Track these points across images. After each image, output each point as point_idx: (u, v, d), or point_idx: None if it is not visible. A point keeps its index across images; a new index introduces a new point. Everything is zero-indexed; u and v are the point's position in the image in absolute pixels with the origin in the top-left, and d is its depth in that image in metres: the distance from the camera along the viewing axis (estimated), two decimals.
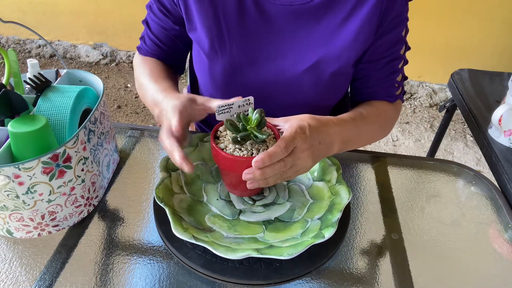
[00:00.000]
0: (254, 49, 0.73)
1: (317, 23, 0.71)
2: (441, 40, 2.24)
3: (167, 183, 0.67)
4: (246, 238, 0.61)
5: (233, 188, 0.66)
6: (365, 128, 0.73)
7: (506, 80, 1.20)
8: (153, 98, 0.71)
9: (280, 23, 0.71)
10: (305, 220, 0.64)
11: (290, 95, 0.77)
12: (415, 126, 2.28)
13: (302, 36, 0.72)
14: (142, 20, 0.82)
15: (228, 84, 0.77)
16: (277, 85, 0.76)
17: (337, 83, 0.77)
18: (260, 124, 0.57)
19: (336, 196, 0.66)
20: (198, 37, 0.75)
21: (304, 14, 0.70)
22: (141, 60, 0.82)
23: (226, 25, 0.71)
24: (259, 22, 0.71)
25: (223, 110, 0.59)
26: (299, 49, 0.72)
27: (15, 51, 0.69)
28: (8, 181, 0.54)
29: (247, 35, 0.72)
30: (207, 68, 0.76)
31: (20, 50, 2.75)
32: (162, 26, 0.79)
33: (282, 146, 0.54)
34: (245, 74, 0.75)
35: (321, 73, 0.73)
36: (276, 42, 0.73)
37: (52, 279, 0.57)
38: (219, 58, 0.74)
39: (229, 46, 0.73)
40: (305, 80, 0.74)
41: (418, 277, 0.60)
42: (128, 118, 2.24)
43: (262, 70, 0.75)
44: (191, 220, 0.63)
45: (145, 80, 0.76)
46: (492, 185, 0.78)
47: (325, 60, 0.72)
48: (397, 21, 0.71)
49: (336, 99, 0.83)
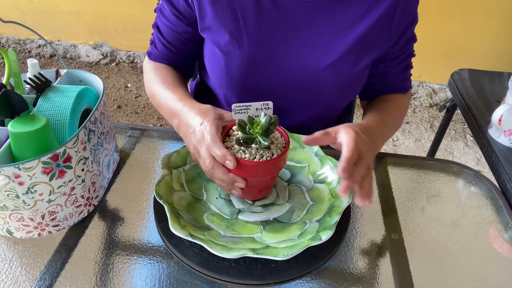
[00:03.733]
0: (271, 45, 0.73)
1: (334, 20, 0.71)
2: (441, 40, 2.24)
3: (168, 180, 0.67)
4: (243, 238, 0.61)
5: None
6: (390, 122, 0.77)
7: (506, 80, 1.20)
8: (171, 107, 0.70)
9: (297, 19, 0.71)
10: (303, 222, 0.64)
11: (308, 93, 0.77)
12: (415, 126, 2.28)
13: (319, 33, 0.72)
14: (152, 24, 0.81)
15: (245, 81, 0.76)
16: (294, 83, 0.76)
17: (356, 81, 0.78)
18: (267, 130, 0.56)
19: (336, 199, 0.66)
20: (213, 36, 0.74)
21: (321, 10, 0.70)
22: (152, 67, 0.81)
23: (243, 22, 0.71)
24: (276, 18, 0.71)
25: (240, 109, 0.59)
26: (317, 46, 0.73)
27: (15, 51, 0.69)
28: (8, 181, 0.54)
29: (264, 31, 0.72)
30: (223, 65, 0.75)
31: (20, 50, 2.75)
32: (174, 30, 0.78)
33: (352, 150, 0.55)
34: (262, 71, 0.75)
35: (340, 71, 0.74)
36: (293, 38, 0.73)
37: (52, 279, 0.57)
38: (236, 55, 0.73)
39: (247, 43, 0.72)
40: (325, 77, 0.74)
41: (418, 277, 0.60)
42: (128, 118, 2.24)
43: (279, 66, 0.75)
44: (190, 218, 0.63)
45: (158, 88, 0.75)
46: (492, 185, 0.78)
47: (345, 57, 0.72)
48: (412, 18, 0.74)
49: (351, 98, 0.85)
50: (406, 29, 0.74)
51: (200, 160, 0.60)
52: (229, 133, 0.61)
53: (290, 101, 0.78)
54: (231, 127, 0.62)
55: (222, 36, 0.72)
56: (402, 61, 0.79)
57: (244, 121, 0.57)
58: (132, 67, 2.66)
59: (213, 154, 0.57)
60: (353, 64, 0.73)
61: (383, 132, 0.72)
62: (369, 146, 0.60)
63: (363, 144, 0.58)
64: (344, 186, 0.54)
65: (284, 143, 0.60)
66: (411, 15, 0.73)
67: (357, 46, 0.72)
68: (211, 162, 0.58)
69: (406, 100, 0.85)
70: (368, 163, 0.58)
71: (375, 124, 0.70)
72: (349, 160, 0.54)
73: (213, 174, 0.59)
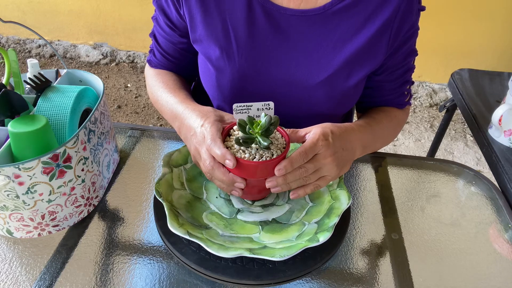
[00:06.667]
0: (263, 60, 0.71)
1: (329, 34, 0.69)
2: (441, 40, 2.24)
3: (168, 178, 0.67)
4: (241, 238, 0.61)
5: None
6: (380, 132, 0.74)
7: (506, 80, 1.20)
8: (172, 110, 0.70)
9: (290, 33, 0.69)
10: (302, 223, 0.64)
11: (301, 107, 0.75)
12: (415, 126, 2.28)
13: (313, 47, 0.70)
14: (150, 33, 0.81)
15: (236, 96, 0.75)
16: (287, 97, 0.74)
17: (350, 96, 0.76)
18: (267, 130, 0.56)
19: (336, 201, 0.65)
20: (204, 48, 0.73)
21: (316, 24, 0.68)
22: (153, 73, 0.81)
23: (234, 35, 0.69)
24: (269, 32, 0.69)
25: (241, 109, 0.59)
26: (310, 60, 0.70)
27: (15, 51, 0.69)
28: (8, 181, 0.54)
29: (256, 45, 0.70)
30: (214, 79, 0.74)
31: (20, 50, 2.75)
32: (169, 40, 0.77)
33: (302, 153, 0.56)
34: (253, 86, 0.73)
35: (334, 86, 0.72)
36: (286, 52, 0.70)
37: (52, 279, 0.57)
38: (227, 70, 0.72)
39: (238, 57, 0.70)
40: (318, 93, 0.72)
41: (418, 277, 0.60)
42: (128, 118, 2.24)
43: (271, 81, 0.73)
44: (188, 217, 0.63)
45: (160, 93, 0.75)
46: (492, 185, 0.78)
47: (338, 73, 0.70)
48: (410, 32, 0.71)
49: (347, 109, 0.82)
50: (405, 42, 0.71)
51: (201, 162, 0.60)
52: (230, 133, 0.61)
53: (282, 115, 0.76)
54: (232, 126, 0.62)
55: (213, 50, 0.71)
56: (399, 76, 0.76)
57: (244, 121, 0.57)
58: (132, 67, 2.66)
59: (213, 154, 0.57)
60: (346, 79, 0.71)
61: (365, 138, 0.69)
62: (334, 150, 0.59)
63: (326, 148, 0.58)
64: (271, 182, 0.57)
65: (285, 144, 0.60)
66: (411, 29, 0.70)
67: (351, 60, 0.70)
68: (211, 163, 0.58)
69: (401, 115, 0.81)
70: (321, 166, 0.58)
71: (358, 128, 0.68)
72: (290, 161, 0.56)
73: (213, 175, 0.59)
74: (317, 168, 0.58)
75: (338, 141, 0.60)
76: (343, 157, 0.61)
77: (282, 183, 0.57)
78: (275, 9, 0.68)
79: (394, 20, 0.67)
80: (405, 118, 0.83)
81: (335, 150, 0.59)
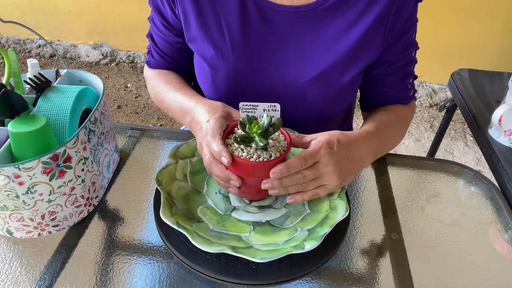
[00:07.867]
0: (258, 58, 0.71)
1: (323, 30, 0.69)
2: (441, 40, 2.24)
3: (171, 169, 0.67)
4: (230, 235, 0.61)
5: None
6: (390, 135, 0.74)
7: (506, 80, 1.20)
8: (182, 107, 0.70)
9: (284, 30, 0.69)
10: (295, 229, 0.62)
11: (296, 105, 0.75)
12: (415, 126, 2.28)
13: (308, 43, 0.70)
14: (147, 34, 0.81)
15: (231, 94, 0.75)
16: (282, 95, 0.74)
17: (345, 92, 0.75)
18: (266, 131, 0.56)
19: (333, 211, 0.63)
20: (199, 47, 0.73)
21: (310, 20, 0.68)
22: (153, 74, 0.81)
23: (228, 34, 0.70)
24: (262, 30, 0.69)
25: (247, 108, 0.59)
26: (304, 57, 0.70)
27: (15, 51, 0.69)
28: (8, 181, 0.54)
29: (251, 43, 0.70)
30: (209, 78, 0.75)
31: (20, 50, 2.75)
32: (166, 40, 0.78)
33: (300, 158, 0.56)
34: (248, 84, 0.74)
35: (328, 82, 0.71)
36: (280, 50, 0.71)
37: (52, 279, 0.57)
38: (222, 68, 0.72)
39: (232, 56, 0.71)
40: (312, 89, 0.72)
41: (418, 277, 0.60)
42: (128, 118, 2.24)
43: (266, 79, 0.73)
44: (183, 208, 0.63)
45: (165, 93, 0.75)
46: (492, 185, 0.78)
47: (332, 68, 0.70)
48: (408, 24, 0.70)
49: (344, 107, 0.82)
50: (402, 35, 0.71)
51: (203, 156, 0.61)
52: (234, 131, 0.62)
53: (283, 113, 0.76)
54: (237, 124, 0.62)
55: (207, 49, 0.71)
56: (399, 68, 0.75)
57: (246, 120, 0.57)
58: (132, 67, 2.66)
59: (211, 149, 0.58)
60: (341, 74, 0.71)
61: (376, 145, 0.68)
62: (337, 160, 0.58)
63: (329, 157, 0.57)
64: (266, 183, 0.57)
65: (286, 147, 0.59)
66: (409, 20, 0.70)
67: (346, 56, 0.69)
68: (210, 158, 0.59)
69: (408, 112, 0.80)
70: (321, 175, 0.58)
71: (368, 136, 0.66)
72: (287, 165, 0.55)
73: (211, 170, 0.60)
74: (317, 176, 0.58)
75: (343, 150, 0.59)
76: (347, 167, 0.60)
77: (278, 186, 0.57)
78: (269, 6, 0.68)
79: (389, 13, 0.67)
80: (412, 115, 0.82)
81: (338, 160, 0.58)
